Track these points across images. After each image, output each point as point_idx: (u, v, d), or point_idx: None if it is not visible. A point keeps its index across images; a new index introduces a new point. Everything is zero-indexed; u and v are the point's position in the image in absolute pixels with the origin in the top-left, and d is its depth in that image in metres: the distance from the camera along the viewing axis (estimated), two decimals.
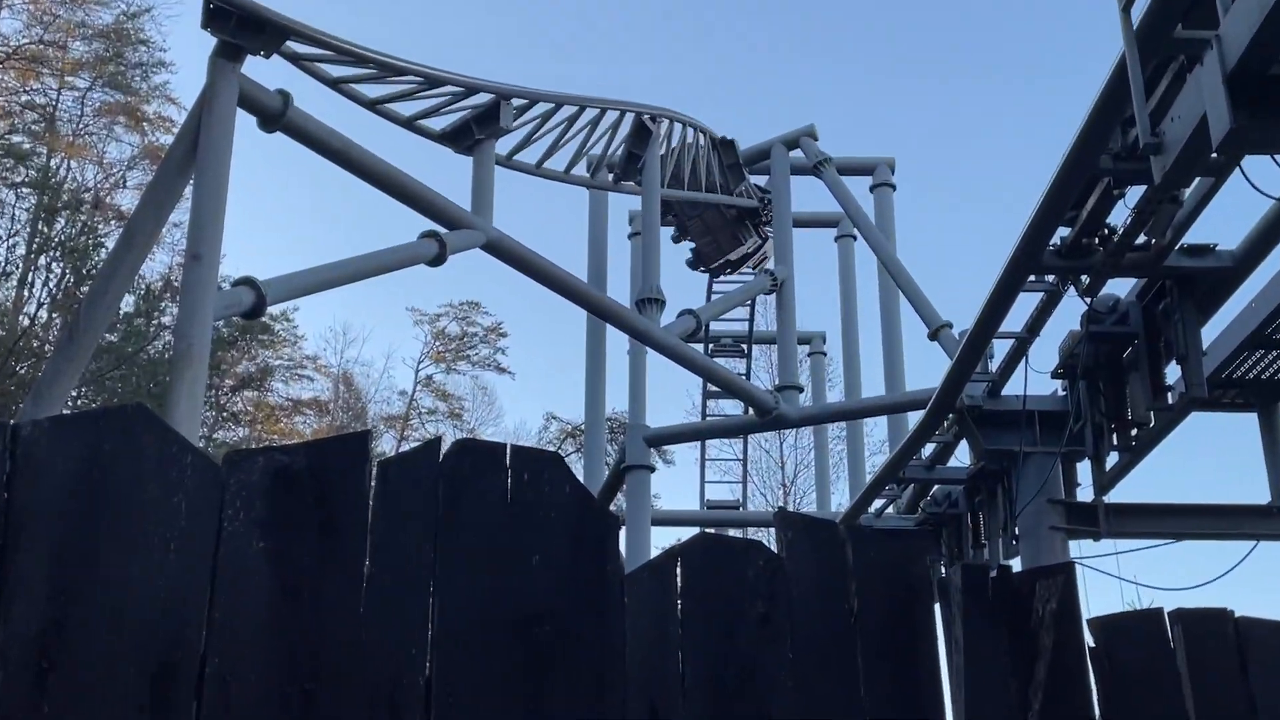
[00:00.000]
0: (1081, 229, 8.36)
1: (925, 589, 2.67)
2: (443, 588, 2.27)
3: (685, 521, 25.78)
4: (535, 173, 17.40)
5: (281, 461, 2.21)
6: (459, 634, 2.27)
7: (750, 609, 2.49)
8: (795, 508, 37.51)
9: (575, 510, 2.41)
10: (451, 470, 2.33)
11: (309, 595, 2.17)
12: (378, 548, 2.24)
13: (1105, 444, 10.24)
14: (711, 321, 23.05)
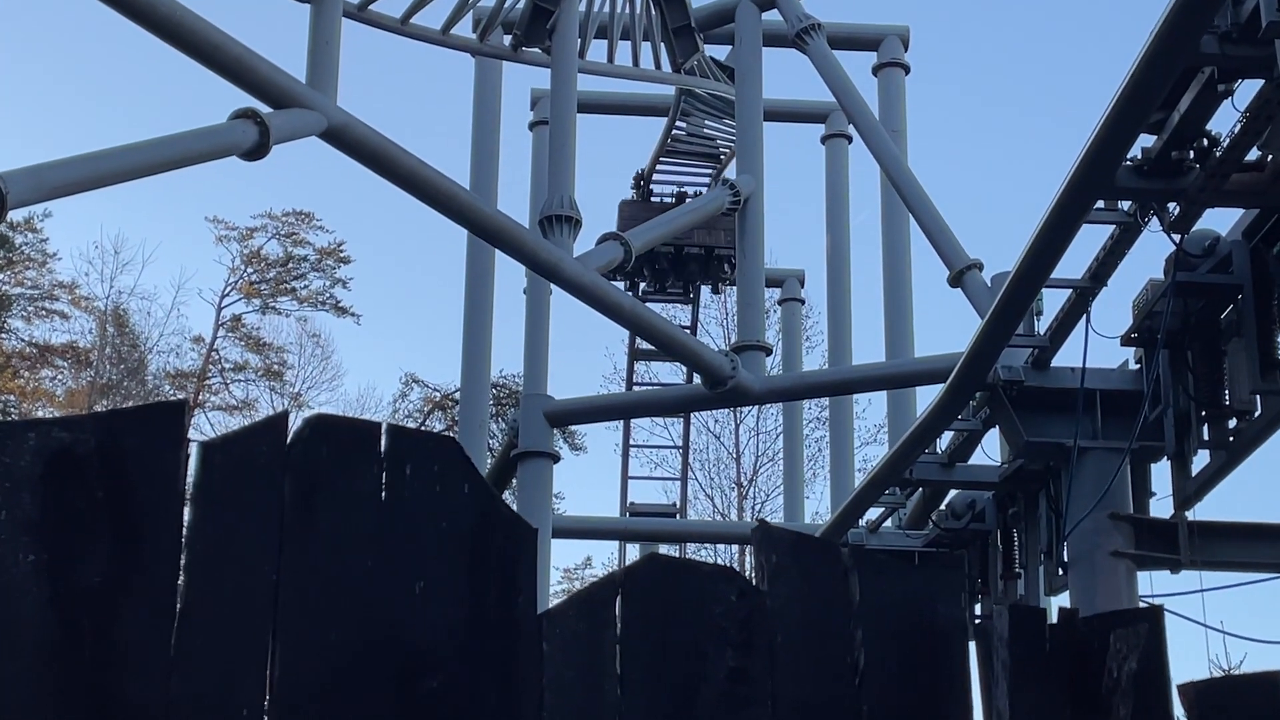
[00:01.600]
0: (1171, 138, 8.48)
1: (958, 638, 2.72)
2: (288, 625, 2.27)
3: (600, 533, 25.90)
4: (401, 31, 17.23)
5: (60, 440, 2.19)
6: (309, 690, 2.27)
7: (718, 660, 2.52)
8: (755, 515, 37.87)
9: (477, 518, 2.42)
10: (304, 459, 2.33)
11: (96, 632, 2.16)
12: (197, 565, 2.23)
13: (1193, 439, 10.43)
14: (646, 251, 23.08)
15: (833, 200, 24.48)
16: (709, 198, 20.62)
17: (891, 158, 18.67)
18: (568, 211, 17.09)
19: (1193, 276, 9.79)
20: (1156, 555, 10.77)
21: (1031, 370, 11.35)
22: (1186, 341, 10.35)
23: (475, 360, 21.86)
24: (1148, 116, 8.26)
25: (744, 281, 20.27)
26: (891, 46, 22.23)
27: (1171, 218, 9.10)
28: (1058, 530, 11.42)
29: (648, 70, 20.51)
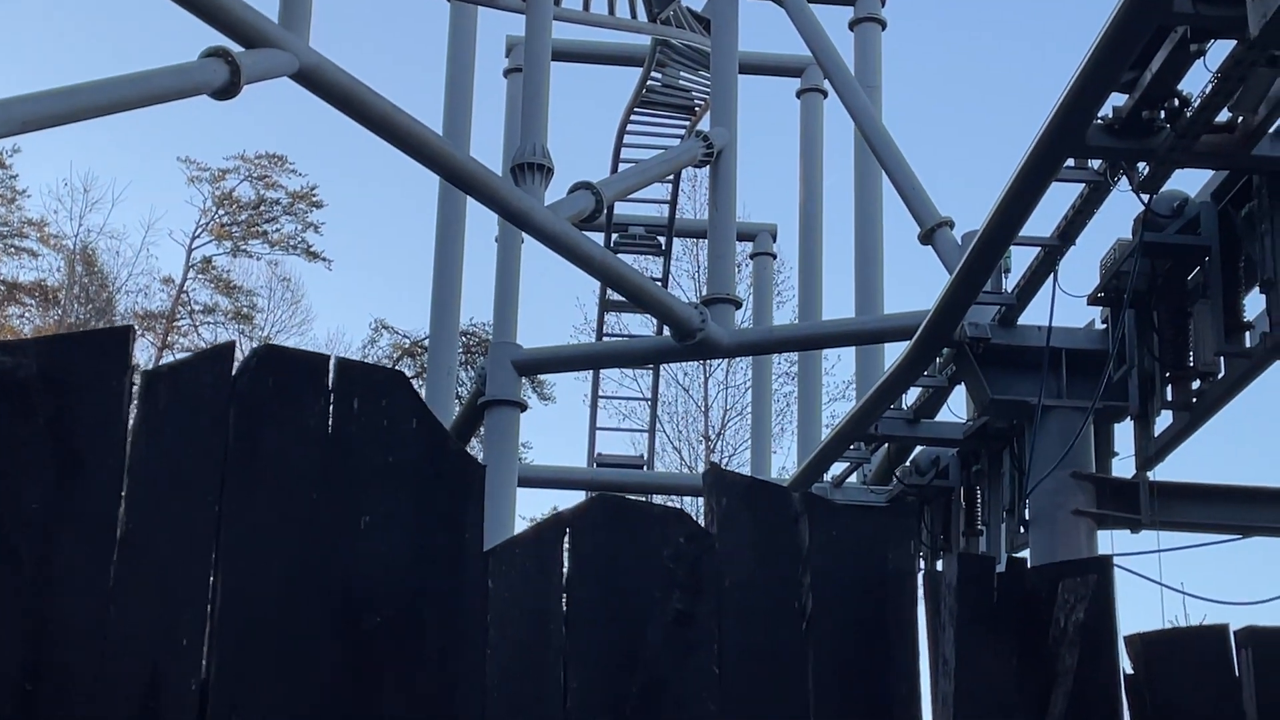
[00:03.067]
0: (1143, 98, 8.48)
1: (907, 586, 2.72)
2: (230, 555, 2.26)
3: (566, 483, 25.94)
4: None
5: (2, 364, 2.17)
6: (251, 622, 2.26)
7: (665, 603, 2.51)
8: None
9: (424, 453, 2.41)
10: (250, 389, 2.31)
11: (34, 557, 2.14)
12: (138, 494, 2.21)
13: (1156, 399, 10.47)
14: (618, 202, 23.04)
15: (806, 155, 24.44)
16: (682, 149, 20.58)
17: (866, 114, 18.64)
18: (540, 160, 17.05)
19: (1160, 237, 9.82)
20: (1117, 515, 10.83)
21: (998, 328, 11.38)
22: (1153, 302, 10.38)
23: (445, 307, 21.84)
24: (1120, 75, 8.26)
25: (715, 234, 20.27)
26: (868, 1, 22.16)
27: (1141, 178, 9.11)
28: (1020, 488, 11.48)
29: (624, 19, 20.45)
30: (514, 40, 22.99)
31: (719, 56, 20.63)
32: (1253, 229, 9.35)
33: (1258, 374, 9.83)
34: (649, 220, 27.24)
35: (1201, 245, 9.79)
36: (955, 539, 13.92)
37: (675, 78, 24.58)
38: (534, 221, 16.28)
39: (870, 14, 21.99)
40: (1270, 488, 10.93)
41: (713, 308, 18.60)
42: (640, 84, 24.50)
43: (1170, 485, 10.75)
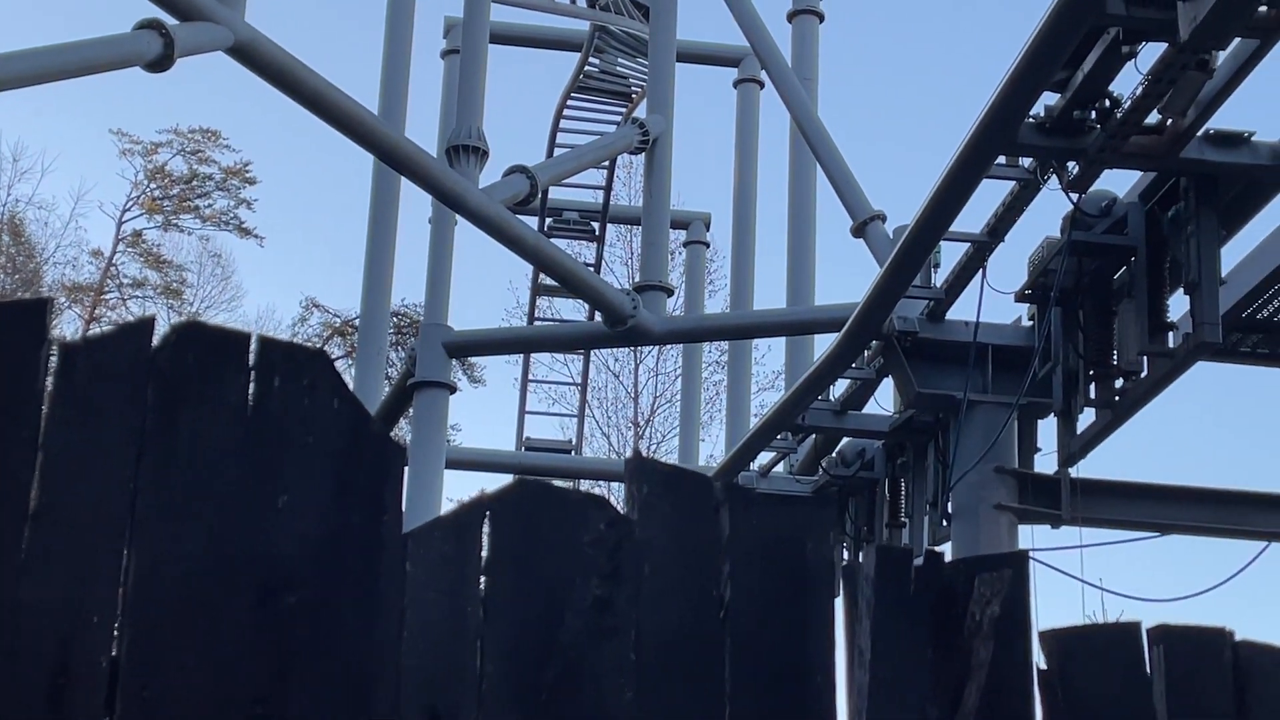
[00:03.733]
0: (1074, 97, 8.54)
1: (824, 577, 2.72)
2: (145, 531, 2.23)
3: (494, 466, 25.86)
4: None
5: None
6: (165, 599, 2.24)
7: (583, 589, 2.51)
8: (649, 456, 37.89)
9: (346, 434, 2.39)
10: (170, 365, 2.29)
11: None
12: (52, 468, 2.19)
13: (1080, 397, 10.56)
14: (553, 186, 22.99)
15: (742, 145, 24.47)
16: (618, 135, 20.57)
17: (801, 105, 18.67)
18: (475, 142, 16.99)
19: (1088, 236, 9.89)
20: (1039, 510, 10.92)
21: (926, 322, 11.45)
22: (1079, 300, 10.47)
23: (376, 287, 21.74)
24: (1052, 75, 8.32)
25: (649, 222, 20.27)
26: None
27: (1070, 177, 9.18)
28: (944, 481, 11.55)
29: (563, 4, 20.40)
30: (452, 21, 22.90)
31: (657, 44, 20.63)
32: (1179, 231, 9.44)
33: (1179, 374, 9.94)
34: (583, 206, 27.22)
35: (1128, 245, 9.87)
36: (879, 530, 13.99)
37: (613, 64, 24.56)
38: (468, 204, 16.23)
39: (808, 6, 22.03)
40: (1189, 487, 11.05)
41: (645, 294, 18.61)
42: (578, 69, 24.45)
43: (1091, 482, 10.85)
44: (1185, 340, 9.47)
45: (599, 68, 24.59)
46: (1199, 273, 9.16)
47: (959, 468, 11.02)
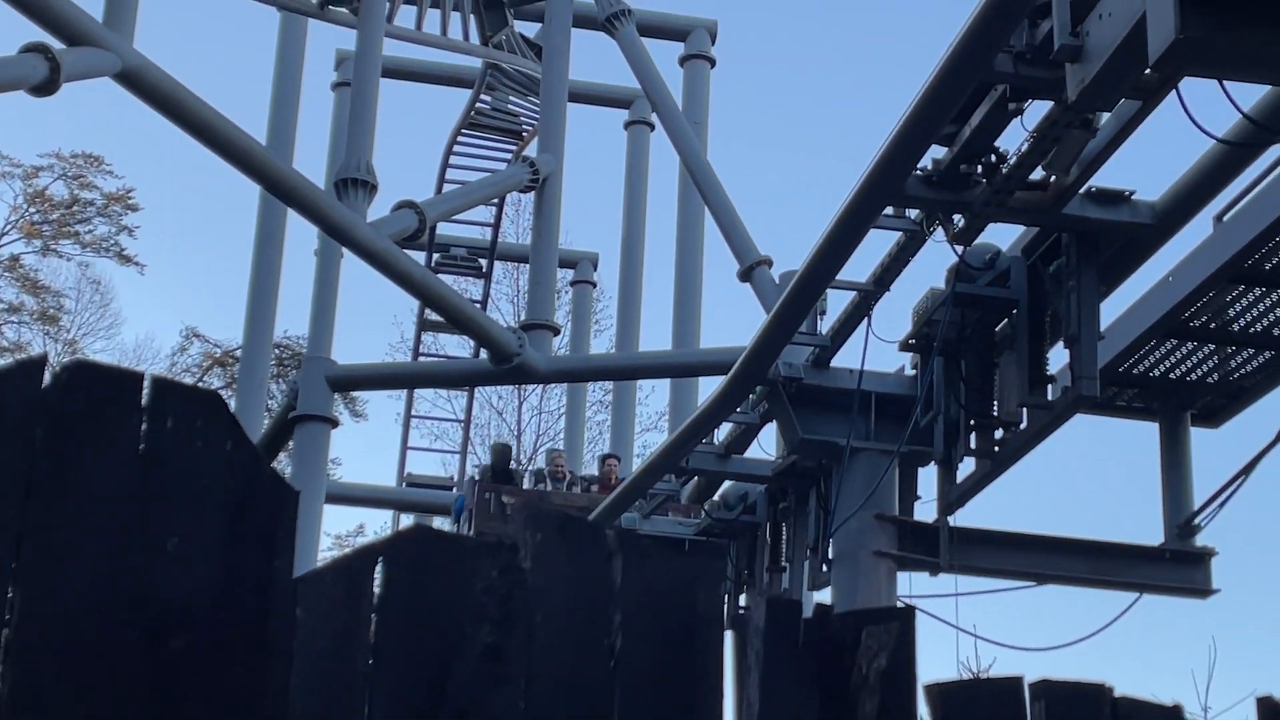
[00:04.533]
0: (961, 151, 8.66)
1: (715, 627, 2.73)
2: (30, 571, 2.19)
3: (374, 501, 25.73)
4: None
5: None
6: (50, 642, 2.20)
7: (475, 636, 2.50)
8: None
9: (238, 477, 2.37)
10: (60, 404, 2.25)
11: None
12: None
13: (960, 446, 10.67)
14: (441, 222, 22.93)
15: (632, 187, 24.58)
16: (507, 173, 20.58)
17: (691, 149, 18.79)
18: (364, 176, 16.93)
19: (971, 288, 10.01)
20: (918, 557, 11.00)
21: (811, 369, 11.52)
22: (961, 351, 10.58)
23: (259, 318, 21.56)
24: (940, 129, 8.43)
25: (537, 260, 20.28)
26: (699, 39, 22.39)
27: (956, 229, 9.29)
28: (825, 527, 11.62)
29: (455, 41, 20.41)
30: (344, 54, 22.82)
31: (549, 83, 20.67)
32: (1059, 285, 9.58)
33: (1058, 426, 10.07)
34: (472, 242, 27.20)
35: (1010, 298, 10.00)
36: (759, 574, 14.04)
37: (505, 102, 24.60)
38: (355, 237, 16.16)
39: (700, 51, 22.22)
40: (1064, 538, 11.19)
41: (531, 333, 18.60)
42: (469, 106, 24.47)
43: (970, 531, 10.95)
44: (1064, 393, 9.60)
45: (491, 105, 24.62)
46: (1078, 327, 9.30)
47: (840, 514, 11.09)
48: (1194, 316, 10.17)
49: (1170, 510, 10.83)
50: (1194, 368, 10.90)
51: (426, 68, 24.77)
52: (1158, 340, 10.51)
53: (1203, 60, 5.41)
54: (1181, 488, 10.90)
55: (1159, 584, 10.80)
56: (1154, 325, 10.21)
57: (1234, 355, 10.75)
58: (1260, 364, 10.73)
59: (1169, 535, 10.80)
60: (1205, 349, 10.70)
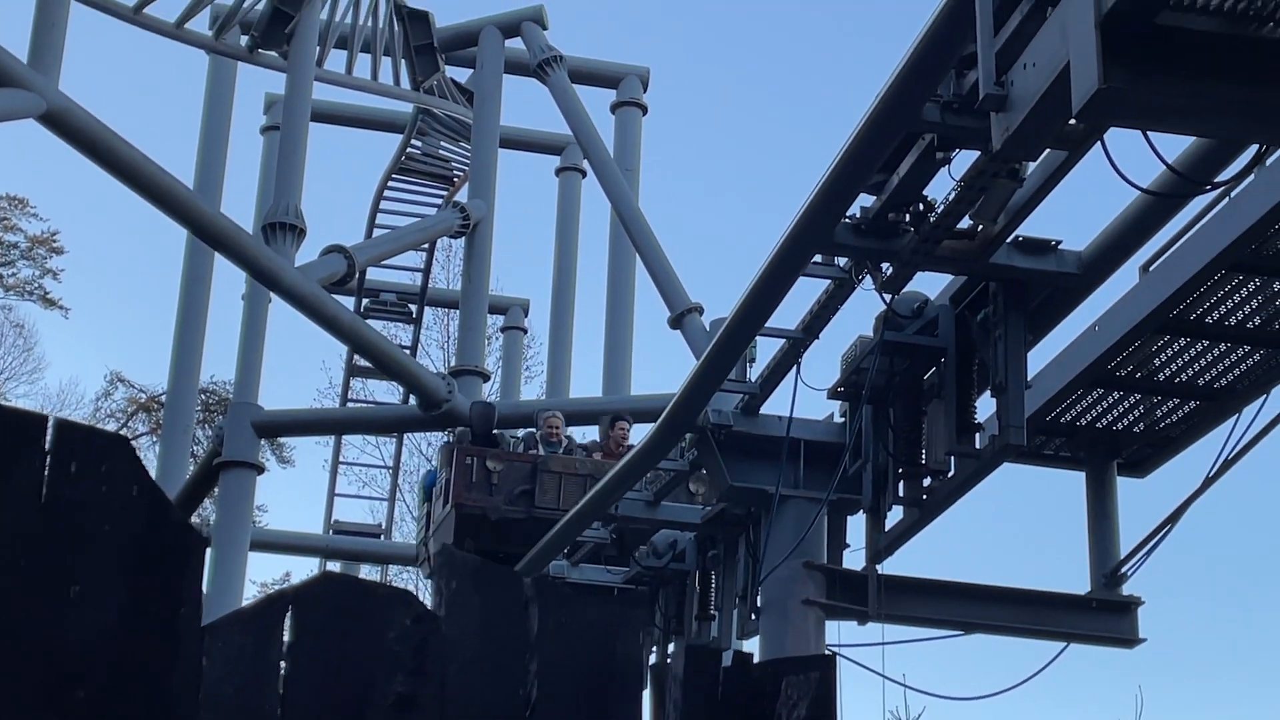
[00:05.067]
0: (890, 200, 8.69)
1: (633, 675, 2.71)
2: None
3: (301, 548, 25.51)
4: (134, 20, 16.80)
5: None
6: None
7: (387, 685, 2.47)
8: None
9: (144, 523, 2.33)
10: None
11: None
12: None
13: (889, 494, 10.68)
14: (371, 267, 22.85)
15: (563, 233, 24.60)
16: (438, 218, 20.56)
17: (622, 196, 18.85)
18: (292, 220, 16.88)
19: (900, 336, 10.04)
20: (846, 606, 10.99)
21: (741, 416, 11.51)
22: (890, 399, 10.60)
23: (185, 363, 21.41)
24: (868, 177, 8.46)
25: (467, 306, 20.27)
26: (631, 86, 22.47)
27: (884, 277, 9.31)
28: (754, 575, 11.59)
29: (386, 85, 20.40)
30: (274, 98, 22.75)
31: (480, 129, 20.71)
32: (987, 334, 9.63)
33: (986, 474, 10.10)
34: (402, 287, 27.12)
35: (938, 346, 10.03)
36: (688, 622, 13.99)
37: (436, 147, 24.61)
38: (283, 282, 16.10)
39: (632, 98, 22.29)
40: (993, 586, 11.21)
41: (460, 379, 18.58)
42: (400, 150, 24.44)
43: (898, 579, 10.95)
44: (991, 442, 9.64)
45: (422, 150, 24.62)
46: (1005, 376, 9.34)
47: (769, 562, 11.07)
48: (1120, 366, 10.24)
49: (1097, 559, 10.87)
50: (1120, 417, 10.96)
51: (357, 112, 24.73)
52: (1084, 389, 10.57)
53: (1126, 111, 5.46)
54: (1108, 537, 10.96)
55: (1086, 633, 10.83)
56: (1081, 374, 10.27)
57: (1160, 405, 10.82)
58: (1186, 414, 10.81)
59: (1096, 584, 10.84)
60: (1132, 398, 10.77)
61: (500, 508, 16.63)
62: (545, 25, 21.09)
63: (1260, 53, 5.23)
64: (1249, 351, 10.02)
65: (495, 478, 16.65)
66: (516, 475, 16.83)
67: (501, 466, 16.80)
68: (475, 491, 16.57)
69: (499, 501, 16.67)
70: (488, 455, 16.84)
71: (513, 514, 16.66)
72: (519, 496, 16.77)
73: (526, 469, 16.96)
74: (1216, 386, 10.38)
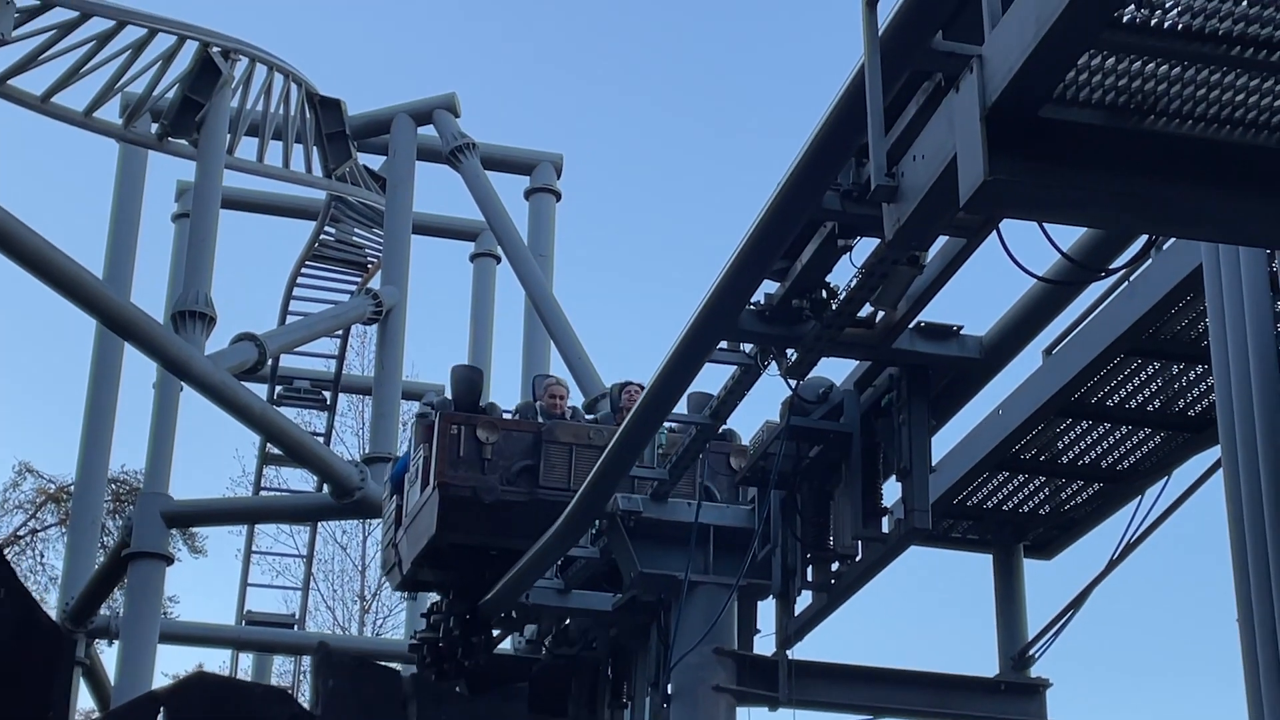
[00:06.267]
0: (793, 286, 8.76)
1: None
2: None
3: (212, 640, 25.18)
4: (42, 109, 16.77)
5: None
6: None
7: None
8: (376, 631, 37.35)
9: (11, 625, 2.34)
10: None
11: None
12: None
13: (798, 579, 10.72)
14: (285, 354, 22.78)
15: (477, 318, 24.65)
16: (351, 305, 20.56)
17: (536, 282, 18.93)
18: (202, 308, 16.83)
19: (806, 422, 10.10)
20: (756, 692, 11.00)
21: (650, 502, 11.54)
22: (798, 484, 10.66)
23: (94, 453, 21.23)
24: (771, 264, 8.53)
25: (380, 393, 20.24)
26: (544, 172, 22.63)
27: (789, 364, 9.38)
28: (665, 662, 11.58)
29: (298, 173, 20.45)
30: (185, 185, 22.70)
31: (393, 216, 20.77)
32: (891, 420, 9.72)
33: (893, 558, 10.18)
34: (316, 374, 27.04)
35: (844, 431, 10.11)
36: (601, 711, 13.92)
37: (349, 234, 24.63)
38: (192, 370, 16.04)
39: (546, 185, 22.44)
40: (902, 670, 11.25)
41: (374, 466, 18.51)
42: (313, 237, 24.44)
43: (808, 664, 10.98)
44: (897, 526, 9.71)
45: (335, 237, 24.64)
46: (910, 460, 9.43)
47: (679, 648, 11.07)
48: (1024, 449, 10.38)
49: (1005, 641, 10.96)
50: (1026, 500, 11.10)
51: (270, 199, 24.72)
52: (990, 473, 10.70)
53: (1012, 202, 5.57)
54: (1016, 619, 11.06)
55: (995, 716, 10.89)
56: (986, 458, 10.39)
57: (1065, 487, 10.96)
58: (1090, 496, 10.96)
59: (1004, 667, 10.92)
60: (1037, 481, 10.91)
61: (496, 488, 13.21)
62: (458, 112, 21.21)
63: (1140, 145, 5.36)
64: (1150, 434, 10.18)
65: (489, 451, 13.30)
66: (516, 447, 13.43)
67: (497, 437, 13.38)
68: (464, 468, 13.26)
69: (494, 480, 13.26)
70: (479, 423, 13.55)
71: (512, 495, 13.25)
72: (519, 474, 13.37)
73: (528, 440, 13.49)
74: (1119, 469, 10.53)
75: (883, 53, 6.30)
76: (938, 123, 6.05)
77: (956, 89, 5.56)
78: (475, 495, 13.12)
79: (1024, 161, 5.35)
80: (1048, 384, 9.72)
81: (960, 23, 6.12)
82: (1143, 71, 5.23)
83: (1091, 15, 4.90)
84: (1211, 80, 5.26)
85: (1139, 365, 9.47)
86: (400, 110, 21.40)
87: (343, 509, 18.28)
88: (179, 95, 18.20)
